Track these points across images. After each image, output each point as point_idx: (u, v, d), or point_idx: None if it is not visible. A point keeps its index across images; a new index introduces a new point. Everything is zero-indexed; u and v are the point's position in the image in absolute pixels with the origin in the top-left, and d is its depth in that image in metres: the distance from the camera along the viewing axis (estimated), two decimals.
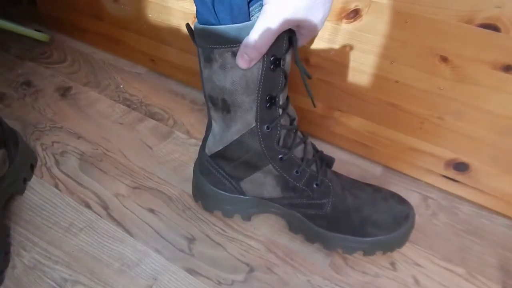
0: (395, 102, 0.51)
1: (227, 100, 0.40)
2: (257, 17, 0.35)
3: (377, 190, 0.47)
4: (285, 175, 0.44)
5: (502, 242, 0.49)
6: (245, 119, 0.41)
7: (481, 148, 0.48)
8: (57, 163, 0.57)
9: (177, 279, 0.44)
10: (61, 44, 0.87)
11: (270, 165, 0.44)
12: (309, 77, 0.40)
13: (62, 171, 0.56)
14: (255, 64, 0.37)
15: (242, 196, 0.48)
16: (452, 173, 0.53)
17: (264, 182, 0.45)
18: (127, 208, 0.51)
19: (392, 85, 0.49)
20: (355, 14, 0.46)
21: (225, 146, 0.44)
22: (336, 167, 0.48)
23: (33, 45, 0.85)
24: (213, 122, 0.44)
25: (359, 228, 0.44)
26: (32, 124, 0.64)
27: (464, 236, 0.50)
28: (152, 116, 0.67)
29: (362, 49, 0.48)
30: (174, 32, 0.67)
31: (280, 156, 0.43)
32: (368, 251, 0.45)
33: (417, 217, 0.52)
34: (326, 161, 0.46)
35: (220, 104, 0.41)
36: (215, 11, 0.36)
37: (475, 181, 0.51)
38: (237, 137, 0.43)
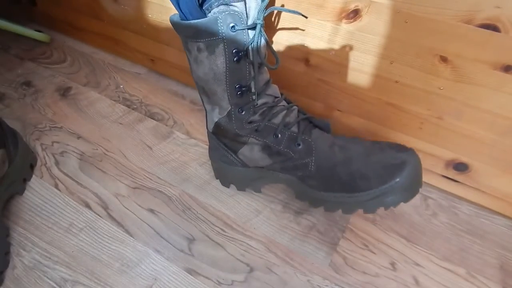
0: (395, 102, 0.51)
1: (205, 87, 0.43)
2: (214, 13, 0.37)
3: (376, 142, 0.45)
4: (266, 141, 0.46)
5: (502, 242, 0.49)
6: (221, 104, 0.44)
7: (481, 148, 0.48)
8: (57, 163, 0.57)
9: (177, 279, 0.44)
10: (61, 44, 0.87)
11: (251, 137, 0.46)
12: (276, 64, 0.43)
13: (62, 171, 0.56)
14: (218, 58, 0.39)
15: (246, 168, 0.50)
16: (452, 173, 0.53)
17: (253, 154, 0.47)
18: (127, 208, 0.51)
19: (392, 85, 0.49)
20: (355, 14, 0.46)
21: (214, 125, 0.47)
22: None
23: (33, 45, 0.85)
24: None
25: (349, 183, 0.42)
26: (32, 124, 0.64)
27: (464, 236, 0.50)
28: (152, 116, 0.67)
29: (362, 49, 0.48)
30: (174, 32, 0.67)
31: (255, 128, 0.45)
32: (368, 208, 0.42)
33: (417, 217, 0.52)
34: (316, 125, 0.47)
35: (202, 89, 0.45)
36: (179, 8, 0.38)
37: (475, 181, 0.51)
38: (217, 119, 0.46)
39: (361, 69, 0.50)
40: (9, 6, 0.92)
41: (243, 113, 0.44)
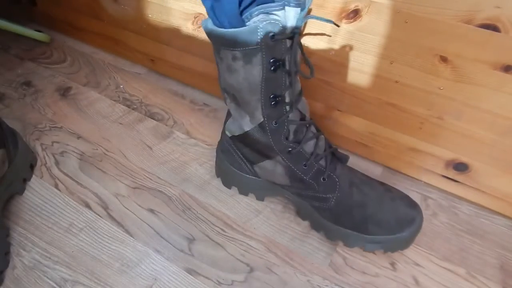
0: (395, 102, 0.51)
1: (236, 96, 0.42)
2: (254, 22, 0.36)
3: (388, 189, 0.47)
4: (293, 167, 0.45)
5: (502, 242, 0.49)
6: (254, 114, 0.43)
7: (481, 148, 0.48)
8: (57, 163, 0.57)
9: (177, 279, 0.44)
10: (61, 44, 0.87)
11: (279, 156, 0.45)
12: (311, 74, 0.42)
13: (62, 171, 0.56)
14: (254, 67, 0.38)
15: (256, 178, 0.50)
16: (452, 173, 0.53)
17: (274, 170, 0.47)
18: (127, 208, 0.51)
19: (392, 85, 0.49)
20: (355, 14, 0.46)
21: (240, 134, 0.46)
22: None
23: (33, 45, 0.85)
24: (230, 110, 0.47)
25: (361, 225, 0.45)
26: (32, 124, 0.64)
27: (464, 236, 0.50)
28: (152, 116, 0.67)
29: (362, 49, 0.48)
30: (174, 32, 0.67)
31: (289, 149, 0.44)
32: (368, 248, 0.46)
33: None
34: (338, 158, 0.47)
35: (232, 97, 0.44)
36: (215, 15, 0.37)
37: (475, 181, 0.51)
38: (248, 129, 0.45)
39: (361, 69, 0.50)
40: (9, 6, 0.92)
41: (277, 125, 0.43)
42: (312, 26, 0.50)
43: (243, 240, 0.48)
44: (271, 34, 0.36)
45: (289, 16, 0.36)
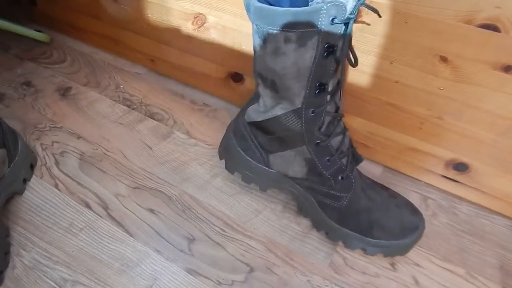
0: (395, 102, 0.51)
1: (277, 82, 0.40)
2: (317, 3, 0.34)
3: (392, 195, 0.48)
4: (316, 160, 0.45)
5: (502, 242, 0.49)
6: (292, 100, 0.41)
7: (481, 148, 0.48)
8: (57, 163, 0.57)
9: (177, 279, 0.44)
10: (61, 44, 0.87)
11: (305, 146, 0.44)
12: (355, 61, 0.40)
13: (62, 171, 0.56)
14: (308, 51, 0.36)
15: (266, 168, 0.48)
16: (452, 173, 0.53)
17: (293, 161, 0.46)
18: (127, 208, 0.51)
19: (392, 85, 0.49)
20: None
21: (266, 119, 0.44)
22: None
23: (33, 45, 0.85)
24: (260, 95, 0.44)
25: (366, 228, 0.45)
26: (32, 124, 0.64)
27: (464, 236, 0.50)
28: (152, 116, 0.67)
29: (362, 49, 0.48)
30: (174, 32, 0.67)
31: (317, 141, 0.43)
32: (369, 251, 0.46)
33: None
34: (356, 158, 0.47)
35: (269, 83, 0.41)
36: None
37: (475, 181, 0.51)
38: (280, 113, 0.43)
39: (361, 69, 0.50)
40: (9, 6, 0.92)
41: (313, 115, 0.42)
42: None
43: (243, 240, 0.48)
44: (332, 17, 0.34)
45: (350, 0, 0.35)
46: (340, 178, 0.45)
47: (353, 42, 0.48)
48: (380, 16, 0.40)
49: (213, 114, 0.69)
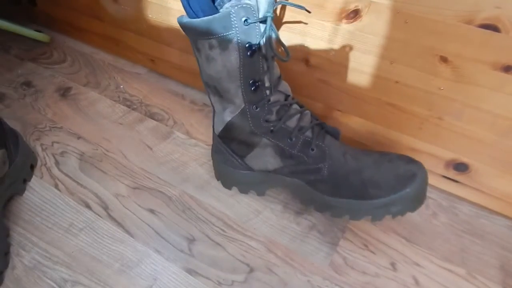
0: (395, 102, 0.51)
1: (217, 86, 0.43)
2: (226, 8, 0.37)
3: (384, 153, 0.46)
4: (280, 144, 0.46)
5: (502, 242, 0.49)
6: (235, 102, 0.44)
7: (481, 148, 0.48)
8: (57, 163, 0.57)
9: (177, 279, 0.44)
10: (61, 44, 0.87)
11: (264, 138, 0.46)
12: (287, 57, 0.42)
13: (62, 171, 0.56)
14: (231, 53, 0.39)
15: (250, 172, 0.50)
16: (452, 173, 0.53)
17: (265, 155, 0.47)
18: (127, 209, 0.51)
19: (392, 85, 0.49)
20: (355, 14, 0.46)
21: (224, 127, 0.47)
22: None
23: (33, 45, 0.85)
24: (213, 104, 0.47)
25: (360, 190, 0.43)
26: (32, 124, 0.64)
27: (464, 236, 0.50)
28: (152, 116, 0.67)
29: (362, 49, 0.48)
30: (174, 32, 0.67)
31: (271, 129, 0.45)
32: (376, 216, 0.44)
33: (417, 217, 0.52)
34: (328, 131, 0.47)
35: (213, 90, 0.44)
36: (189, 5, 0.38)
37: (475, 181, 0.51)
38: (230, 118, 0.45)
39: (361, 69, 0.50)
40: (9, 6, 0.92)
41: (258, 110, 0.44)
42: (312, 26, 0.50)
43: (243, 240, 0.48)
44: (243, 18, 0.37)
45: (261, 1, 0.38)
46: (310, 150, 0.45)
47: (353, 42, 0.48)
48: (309, 12, 0.44)
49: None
